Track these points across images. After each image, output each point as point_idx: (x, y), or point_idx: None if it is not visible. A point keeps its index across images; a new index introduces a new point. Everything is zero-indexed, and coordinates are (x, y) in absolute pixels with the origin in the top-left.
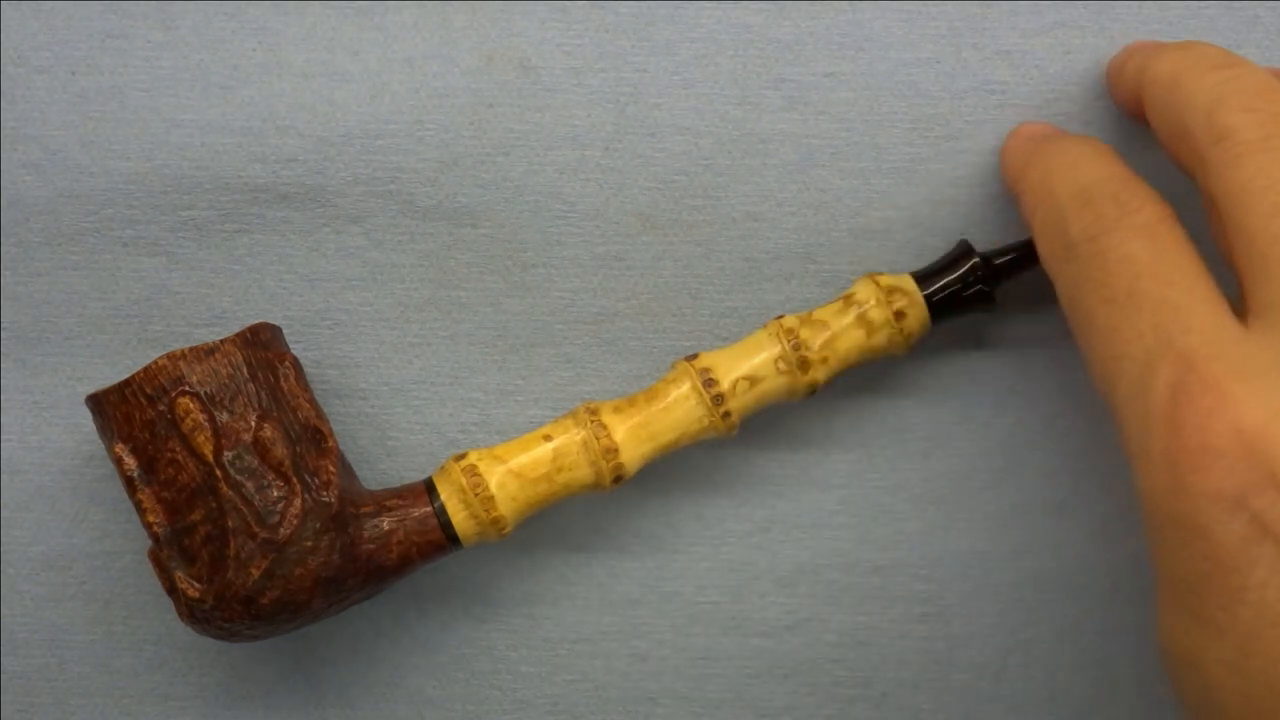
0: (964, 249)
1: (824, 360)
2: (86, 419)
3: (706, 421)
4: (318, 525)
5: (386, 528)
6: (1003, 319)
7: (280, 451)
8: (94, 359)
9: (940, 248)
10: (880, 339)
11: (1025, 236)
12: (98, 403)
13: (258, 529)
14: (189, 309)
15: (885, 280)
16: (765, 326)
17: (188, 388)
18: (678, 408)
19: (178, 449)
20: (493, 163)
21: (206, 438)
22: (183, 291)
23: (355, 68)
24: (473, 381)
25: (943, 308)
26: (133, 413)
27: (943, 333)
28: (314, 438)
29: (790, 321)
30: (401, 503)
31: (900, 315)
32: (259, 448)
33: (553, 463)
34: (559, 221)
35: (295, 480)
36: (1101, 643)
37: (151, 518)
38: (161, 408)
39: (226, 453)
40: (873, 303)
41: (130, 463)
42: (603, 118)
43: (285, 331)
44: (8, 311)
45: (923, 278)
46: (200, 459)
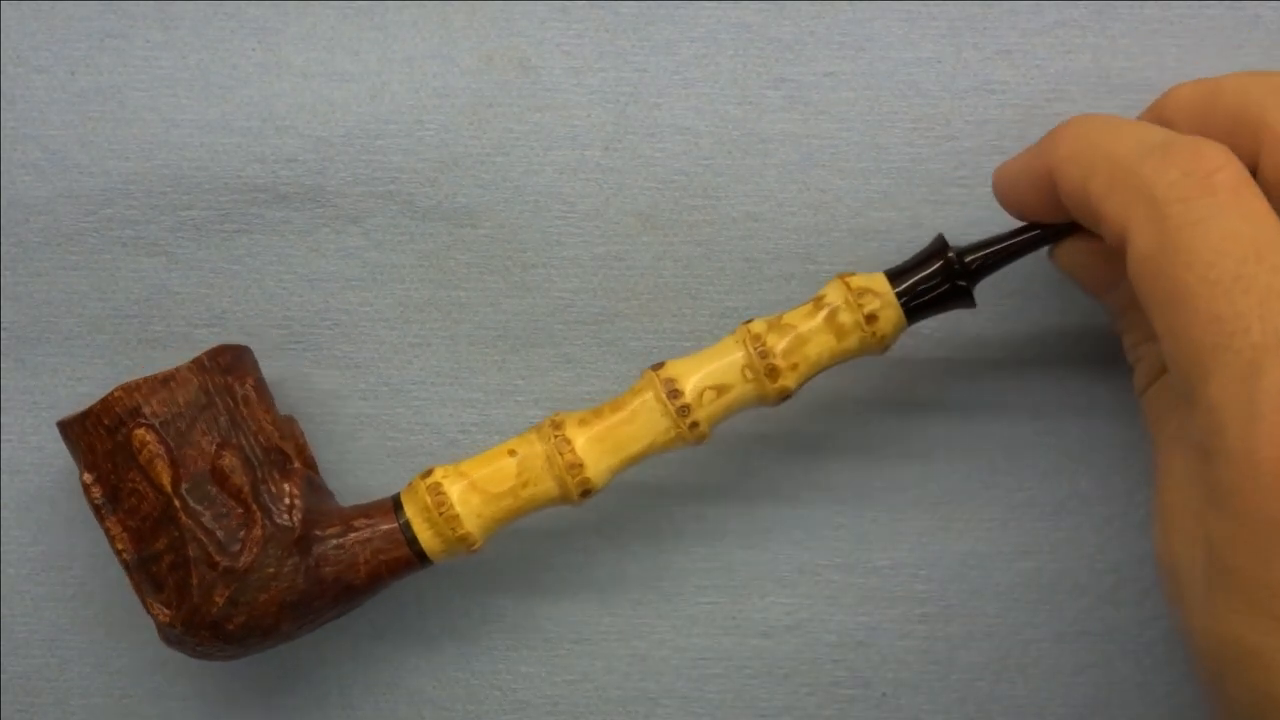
0: (939, 245)
1: (794, 367)
2: None
3: (674, 432)
4: (279, 552)
5: (353, 548)
6: (1003, 318)
7: (239, 479)
8: (94, 359)
9: None
10: (852, 342)
11: (1007, 229)
12: (64, 430)
13: (218, 558)
14: (189, 309)
15: (855, 281)
16: (734, 332)
17: (144, 419)
18: (642, 418)
19: (138, 479)
20: (492, 163)
21: (164, 468)
22: (182, 291)
23: (355, 68)
24: (473, 381)
25: (918, 308)
26: (94, 443)
27: (943, 335)
28: (277, 460)
29: (758, 326)
30: (369, 522)
31: (872, 318)
32: (217, 476)
33: (517, 478)
34: (559, 221)
35: (255, 507)
36: (1101, 643)
37: (119, 545)
38: (120, 438)
39: (184, 482)
40: (842, 305)
41: (96, 491)
42: (603, 118)
43: (284, 332)
44: (8, 311)
45: (896, 275)
46: (159, 489)
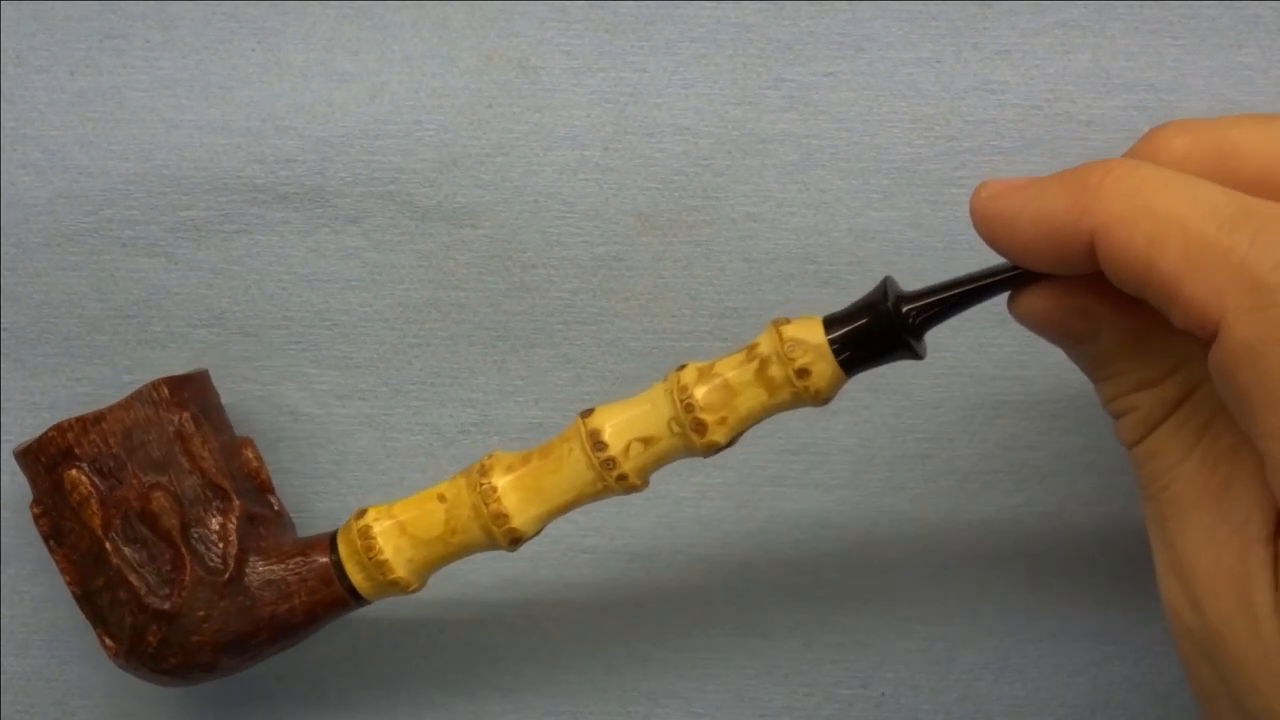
0: (879, 294)
1: (722, 421)
2: None
3: (601, 484)
4: (210, 594)
5: (289, 588)
6: (1003, 318)
7: (169, 521)
8: (93, 359)
9: (939, 248)
10: (784, 397)
11: (961, 276)
12: (18, 458)
13: (148, 600)
14: (188, 309)
15: (789, 331)
16: (666, 378)
17: (75, 459)
18: (569, 468)
19: (72, 519)
20: (492, 163)
21: (94, 510)
22: (182, 292)
23: (354, 68)
24: (473, 382)
25: (855, 361)
26: (37, 478)
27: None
28: (213, 497)
29: (688, 376)
30: (305, 560)
31: (803, 373)
32: (147, 518)
33: (445, 525)
34: (559, 221)
35: (184, 550)
36: (1101, 643)
37: (67, 578)
38: (56, 477)
39: (115, 524)
40: (773, 357)
41: (44, 524)
42: (602, 118)
43: (284, 332)
44: (7, 312)
45: (833, 323)
46: (90, 531)
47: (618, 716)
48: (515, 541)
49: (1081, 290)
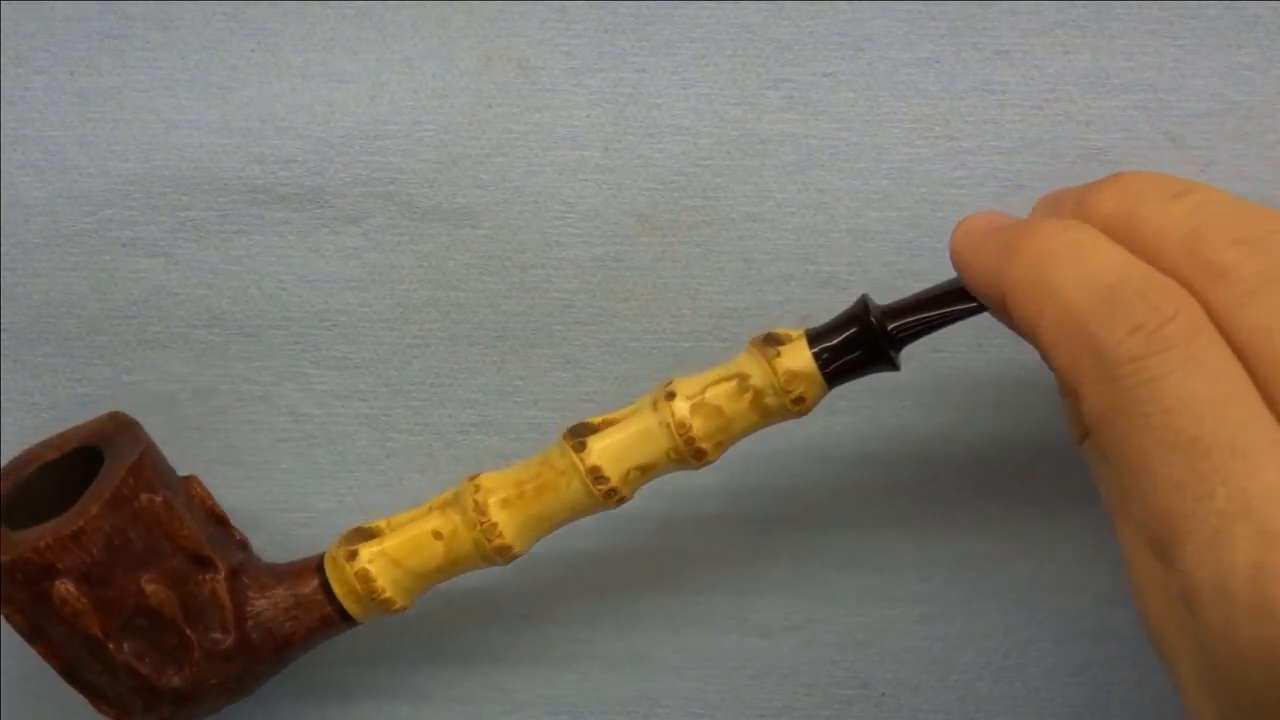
0: (862, 310)
1: (719, 445)
2: (86, 420)
3: (599, 507)
4: (219, 662)
5: (286, 627)
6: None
7: (170, 610)
8: (93, 360)
9: (939, 248)
10: (776, 418)
11: (938, 284)
12: None
13: (158, 683)
14: (188, 310)
15: (782, 365)
16: (654, 406)
17: (60, 575)
18: (568, 499)
19: (63, 626)
20: (492, 163)
21: (90, 620)
22: (181, 292)
23: (354, 68)
24: (473, 382)
25: (838, 376)
26: (11, 591)
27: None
28: (200, 565)
29: (681, 410)
30: (295, 597)
31: (799, 400)
32: (146, 611)
33: (445, 557)
34: (558, 222)
35: (189, 631)
36: (1101, 643)
37: (52, 664)
38: (38, 592)
39: (114, 623)
40: (769, 390)
41: (18, 621)
42: (602, 118)
43: (284, 332)
44: (7, 312)
45: (816, 337)
46: (87, 636)
47: (618, 716)
48: (510, 561)
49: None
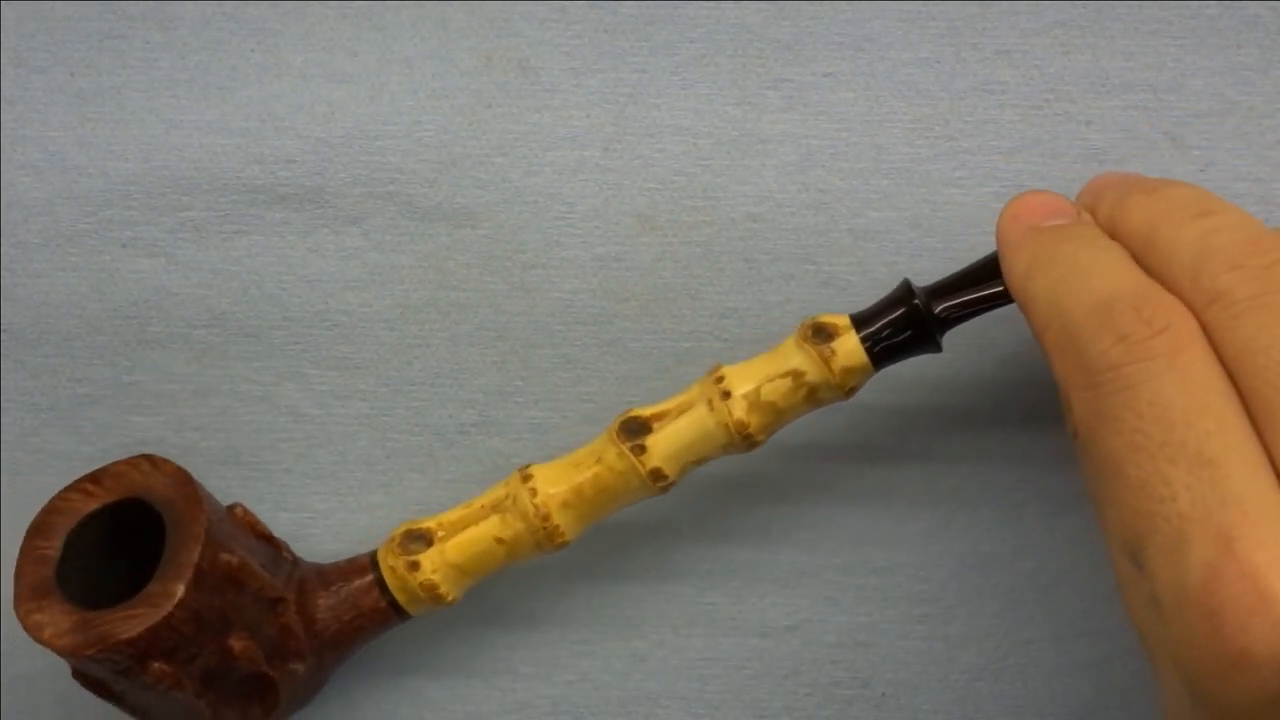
0: (906, 293)
1: (770, 432)
2: (87, 420)
3: (648, 496)
4: (297, 687)
5: (346, 633)
6: (1004, 319)
7: (255, 660)
8: (93, 360)
9: (939, 249)
10: (825, 407)
11: (980, 259)
12: (79, 677)
13: (250, 712)
14: (188, 310)
15: (838, 363)
16: (712, 409)
17: (153, 659)
18: (626, 494)
19: (156, 688)
20: (492, 163)
21: (186, 687)
22: (182, 292)
23: (354, 68)
24: (473, 382)
25: (884, 358)
26: (104, 677)
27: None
28: (274, 606)
29: (739, 411)
30: (350, 593)
31: (851, 391)
32: (233, 667)
33: (505, 560)
34: (559, 222)
35: (271, 672)
36: (1101, 643)
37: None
38: (133, 669)
39: (204, 681)
40: (825, 387)
41: (98, 688)
42: (602, 118)
43: (284, 332)
44: (7, 312)
45: (862, 321)
46: (183, 694)
47: (618, 716)
48: (560, 549)
49: None
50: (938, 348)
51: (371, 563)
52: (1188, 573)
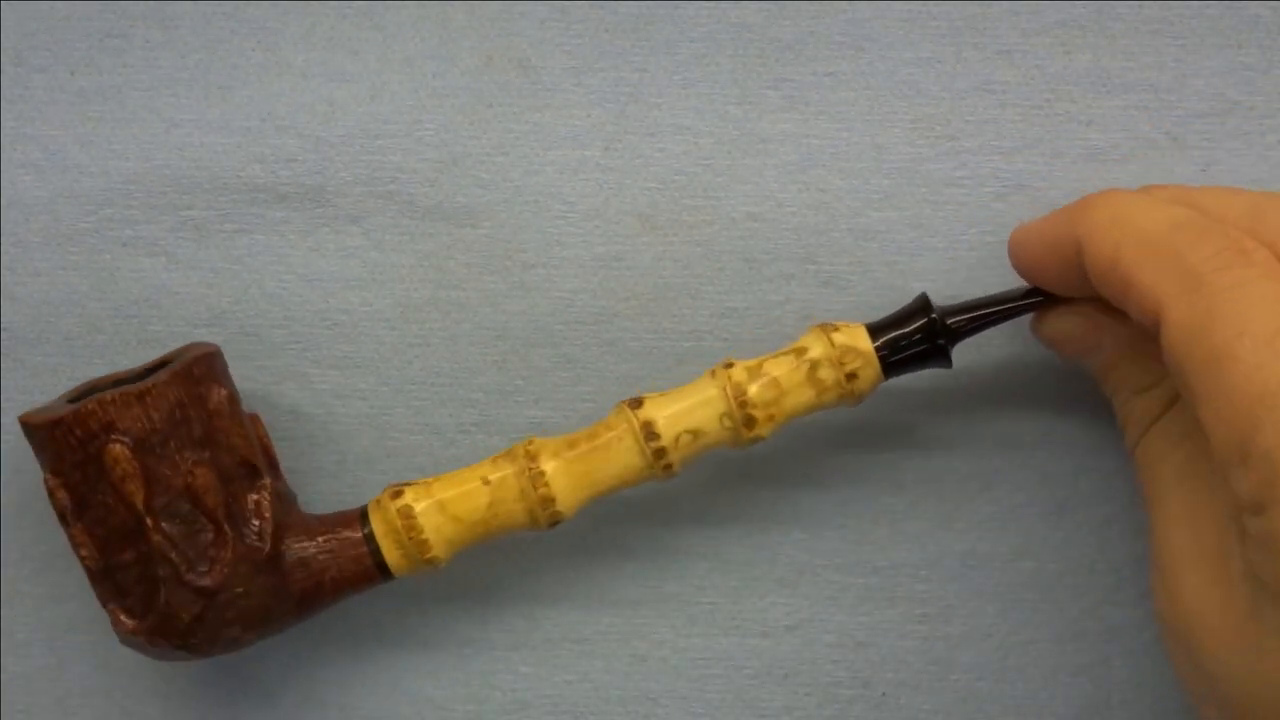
0: (922, 304)
1: (770, 418)
2: None
3: (646, 471)
4: (249, 570)
5: (320, 563)
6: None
7: (213, 499)
8: (93, 359)
9: (939, 248)
10: (829, 397)
11: (990, 294)
12: (29, 429)
13: (188, 576)
14: (188, 309)
15: (839, 338)
16: (713, 374)
17: (118, 434)
18: (617, 456)
19: (108, 494)
20: (492, 163)
21: (137, 487)
22: (182, 292)
23: (354, 67)
24: (473, 382)
25: (895, 365)
26: (63, 451)
27: None
28: (248, 474)
29: (739, 375)
30: (335, 538)
31: (852, 376)
32: (191, 494)
33: (488, 508)
34: (559, 221)
35: (227, 527)
36: (1101, 643)
37: (84, 552)
38: (91, 451)
39: (158, 499)
40: (824, 362)
41: (61, 496)
42: (603, 117)
43: (284, 332)
44: (7, 311)
45: (877, 330)
46: (130, 506)
47: (618, 716)
48: (555, 524)
49: (1088, 308)
50: (946, 358)
51: (364, 509)
52: None
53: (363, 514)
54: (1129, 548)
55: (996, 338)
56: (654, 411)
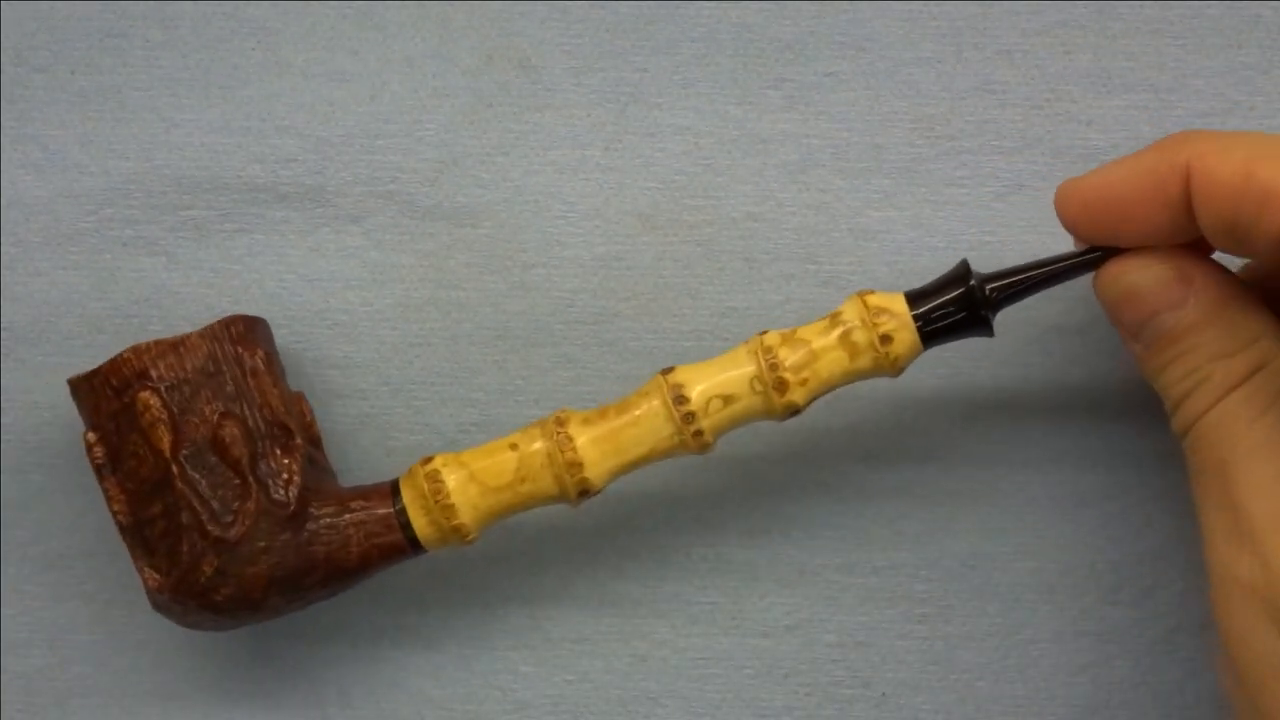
0: (962, 270)
1: (803, 382)
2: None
3: (677, 439)
4: (272, 526)
5: (347, 529)
6: (1007, 321)
7: (239, 450)
8: (94, 359)
9: (939, 248)
10: (864, 362)
11: (1029, 260)
12: (74, 388)
13: (210, 527)
14: (188, 309)
15: (873, 300)
16: (747, 342)
17: (150, 382)
18: (646, 423)
19: (138, 442)
20: (492, 163)
21: (164, 433)
22: (182, 291)
23: (354, 67)
24: (473, 381)
25: (935, 334)
26: (100, 403)
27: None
28: (279, 434)
29: (771, 339)
30: (365, 504)
31: (886, 339)
32: (217, 445)
33: (515, 473)
34: (559, 221)
35: (252, 480)
36: (1101, 643)
37: (116, 506)
38: (125, 400)
39: (184, 449)
40: (857, 324)
41: (98, 451)
42: (603, 117)
43: (285, 332)
44: (7, 311)
45: (915, 298)
46: (158, 454)
47: (618, 716)
48: (584, 494)
49: (1175, 255)
50: (987, 326)
51: (396, 482)
52: None
53: (395, 487)
54: (1129, 548)
55: (997, 338)
56: (684, 376)
